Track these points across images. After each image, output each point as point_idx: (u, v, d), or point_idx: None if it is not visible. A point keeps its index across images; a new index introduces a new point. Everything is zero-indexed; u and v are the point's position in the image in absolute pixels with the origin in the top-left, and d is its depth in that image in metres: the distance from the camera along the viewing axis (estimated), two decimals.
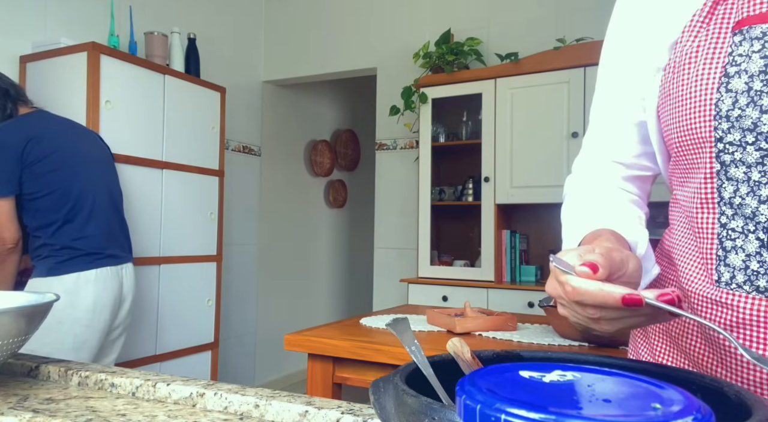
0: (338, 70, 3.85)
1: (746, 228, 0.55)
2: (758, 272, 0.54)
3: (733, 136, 0.54)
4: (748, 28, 0.54)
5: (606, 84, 0.73)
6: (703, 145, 0.57)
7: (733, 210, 0.56)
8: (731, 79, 0.54)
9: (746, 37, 0.54)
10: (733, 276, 0.56)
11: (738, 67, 0.54)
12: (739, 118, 0.53)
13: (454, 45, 3.20)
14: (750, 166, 0.54)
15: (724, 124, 0.55)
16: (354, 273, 5.17)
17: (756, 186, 0.54)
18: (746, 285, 0.55)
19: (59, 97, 2.39)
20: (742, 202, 0.55)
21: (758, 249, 0.54)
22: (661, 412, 0.31)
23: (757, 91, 0.52)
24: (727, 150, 0.55)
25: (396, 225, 3.61)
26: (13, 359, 0.87)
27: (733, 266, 0.56)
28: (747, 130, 0.53)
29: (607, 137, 0.72)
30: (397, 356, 1.38)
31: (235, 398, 0.69)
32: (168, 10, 3.27)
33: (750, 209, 0.54)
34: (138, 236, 2.51)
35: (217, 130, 2.97)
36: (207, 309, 2.88)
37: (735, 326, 0.56)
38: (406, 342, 0.50)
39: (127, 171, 2.46)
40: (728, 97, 0.54)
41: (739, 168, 0.54)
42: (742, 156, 0.54)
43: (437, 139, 3.28)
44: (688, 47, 0.59)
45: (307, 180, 4.61)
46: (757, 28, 0.53)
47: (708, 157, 0.57)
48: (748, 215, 0.54)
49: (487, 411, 0.31)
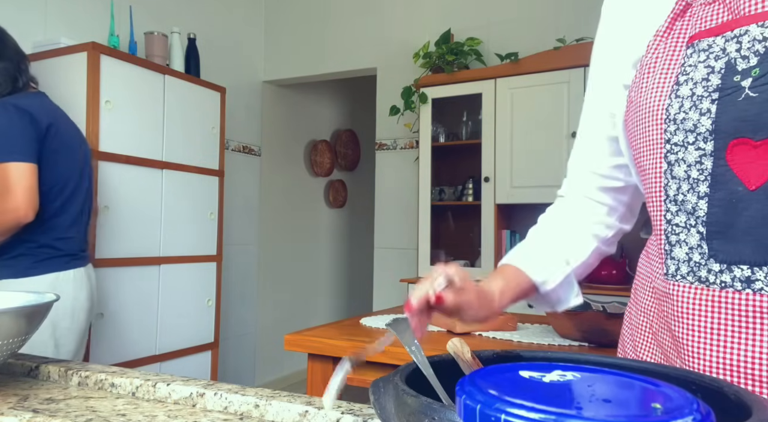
0: (338, 70, 3.85)
1: (688, 222, 0.59)
2: (700, 263, 0.58)
3: (677, 137, 0.59)
4: (698, 42, 0.59)
5: (586, 100, 0.80)
6: (655, 147, 0.62)
7: (677, 206, 0.60)
8: (680, 87, 0.59)
9: (696, 49, 0.59)
10: (678, 268, 0.60)
11: (687, 75, 0.59)
12: (683, 120, 0.58)
13: (454, 45, 3.20)
14: (690, 164, 0.58)
15: (671, 127, 0.59)
16: (354, 273, 5.17)
17: (695, 183, 0.58)
18: (689, 276, 0.59)
19: (59, 97, 2.39)
20: (684, 198, 0.59)
21: (699, 242, 0.58)
22: (661, 412, 0.31)
23: (698, 96, 0.57)
24: (672, 150, 0.60)
25: (396, 225, 3.61)
26: (13, 359, 0.87)
27: (677, 259, 0.60)
28: (689, 131, 0.58)
29: (585, 149, 0.79)
30: (397, 356, 1.38)
31: (235, 398, 0.69)
32: (168, 10, 3.27)
33: (691, 205, 0.58)
34: (138, 236, 2.51)
35: (217, 130, 2.97)
36: (207, 309, 2.88)
37: (681, 316, 0.60)
38: (406, 342, 0.50)
39: (127, 171, 2.46)
40: (676, 102, 0.59)
41: (681, 166, 0.59)
42: (684, 155, 0.59)
43: (437, 139, 3.28)
44: (648, 60, 0.65)
45: (307, 180, 4.61)
46: (704, 41, 0.58)
47: (658, 158, 0.61)
48: (689, 210, 0.59)
49: (487, 411, 0.31)
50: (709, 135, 0.56)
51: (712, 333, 0.57)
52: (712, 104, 0.56)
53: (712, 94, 0.56)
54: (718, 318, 0.56)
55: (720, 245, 0.56)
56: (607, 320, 1.38)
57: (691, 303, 0.58)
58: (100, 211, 2.34)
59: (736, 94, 0.55)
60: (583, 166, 0.79)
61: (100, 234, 2.34)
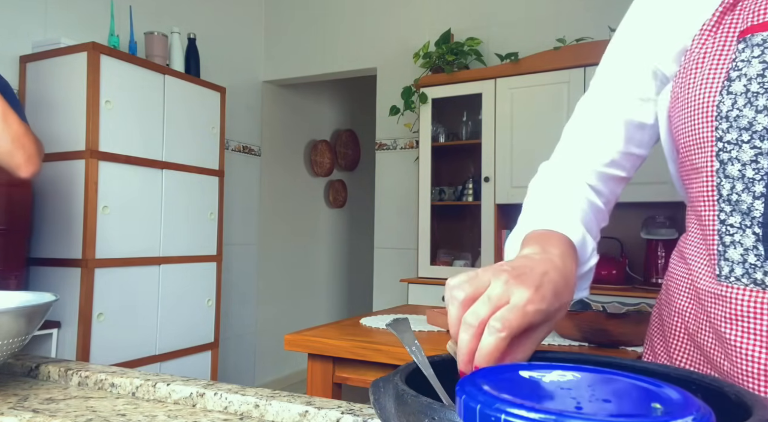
0: (338, 70, 3.85)
1: (743, 223, 0.57)
2: (755, 265, 0.56)
3: (731, 135, 0.57)
4: (751, 36, 0.57)
5: (603, 82, 0.74)
6: (706, 144, 0.60)
7: (731, 206, 0.58)
8: (732, 83, 0.57)
9: (748, 44, 0.57)
10: (732, 269, 0.58)
11: (739, 71, 0.57)
12: (737, 117, 0.56)
13: (454, 45, 3.20)
14: (745, 163, 0.57)
15: (723, 124, 0.57)
16: (354, 273, 5.17)
17: (750, 182, 0.56)
18: (744, 278, 0.57)
19: (59, 97, 2.39)
20: (739, 198, 0.57)
21: (755, 244, 0.56)
22: (661, 412, 0.31)
23: (753, 93, 0.55)
24: (725, 149, 0.58)
25: (396, 225, 3.61)
26: (13, 359, 0.87)
27: (732, 260, 0.58)
28: (743, 129, 0.56)
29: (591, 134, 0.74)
30: (397, 356, 1.38)
31: (235, 398, 0.69)
32: (168, 10, 3.27)
33: (746, 205, 0.57)
34: (138, 236, 2.51)
35: (217, 130, 2.97)
36: (207, 309, 2.88)
37: (734, 319, 0.58)
38: (407, 343, 0.50)
39: (127, 171, 2.46)
40: (728, 98, 0.57)
41: (735, 165, 0.57)
42: (738, 154, 0.57)
43: (437, 139, 3.28)
44: (696, 54, 0.62)
45: (307, 180, 4.61)
46: (758, 36, 0.56)
47: (709, 157, 0.59)
48: (744, 211, 0.57)
49: (487, 411, 0.31)
50: (766, 133, 0.55)
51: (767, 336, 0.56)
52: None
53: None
54: None
55: None
56: (607, 320, 1.38)
57: (746, 306, 0.57)
58: (100, 211, 2.34)
59: None
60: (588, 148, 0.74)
61: (100, 234, 2.34)
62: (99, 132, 2.34)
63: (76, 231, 2.31)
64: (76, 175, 2.32)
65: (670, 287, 0.71)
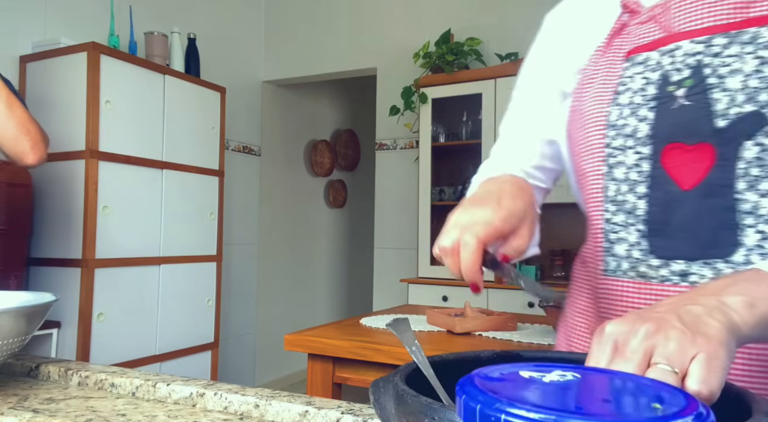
0: (338, 70, 3.85)
1: (627, 221, 0.63)
2: (639, 259, 0.62)
3: (617, 141, 0.63)
4: (635, 56, 0.65)
5: (521, 103, 0.83)
6: (596, 151, 0.66)
7: (616, 206, 0.64)
8: (620, 96, 0.64)
9: (633, 62, 0.64)
10: (619, 264, 0.64)
11: (625, 86, 0.64)
12: (623, 126, 0.63)
13: (454, 45, 3.20)
14: (629, 167, 0.63)
15: (611, 132, 0.64)
16: (354, 273, 5.17)
17: (634, 184, 0.62)
18: (631, 271, 0.63)
19: (59, 97, 2.39)
20: (624, 198, 0.63)
21: (639, 240, 0.62)
22: (661, 412, 0.31)
23: (636, 104, 0.62)
24: (612, 154, 0.64)
25: (396, 225, 3.61)
26: (13, 359, 0.87)
27: (618, 256, 0.64)
28: (628, 136, 0.62)
29: (516, 147, 0.82)
30: (397, 356, 1.38)
31: (235, 398, 0.69)
32: (168, 10, 3.27)
33: (630, 204, 0.63)
34: (138, 236, 2.51)
35: (217, 130, 2.97)
36: (207, 309, 2.88)
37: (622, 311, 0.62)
38: (407, 343, 0.50)
39: (127, 171, 2.46)
40: (616, 109, 0.64)
41: (620, 169, 0.63)
42: (623, 158, 0.63)
43: (437, 139, 3.28)
44: (590, 71, 0.70)
45: (307, 180, 4.61)
46: (640, 56, 0.64)
47: (599, 162, 0.66)
48: (628, 210, 0.63)
49: (487, 411, 0.31)
50: (647, 140, 0.61)
51: None
52: (650, 111, 0.61)
53: (650, 102, 0.61)
54: None
55: (658, 242, 0.60)
56: None
57: (632, 297, 0.62)
58: (100, 211, 2.34)
59: (671, 102, 0.60)
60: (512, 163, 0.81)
61: (100, 234, 2.34)
62: (99, 132, 2.34)
63: (76, 231, 2.31)
64: (76, 175, 2.32)
65: (573, 291, 0.77)
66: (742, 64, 0.56)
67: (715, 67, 0.58)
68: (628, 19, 0.67)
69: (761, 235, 0.55)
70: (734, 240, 0.56)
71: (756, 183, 0.55)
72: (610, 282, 0.64)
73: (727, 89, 0.57)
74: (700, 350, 0.38)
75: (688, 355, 0.38)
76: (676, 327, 0.39)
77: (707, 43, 0.59)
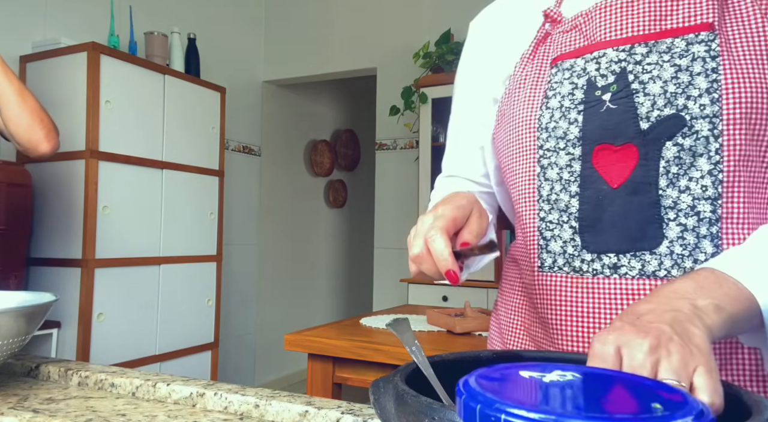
0: (338, 70, 3.85)
1: (561, 219, 0.66)
2: (573, 255, 0.65)
3: (549, 143, 0.66)
4: (561, 62, 0.68)
5: (456, 112, 0.86)
6: (529, 152, 0.69)
7: (549, 205, 0.67)
8: (549, 100, 0.67)
9: (560, 68, 0.68)
10: (554, 260, 0.67)
11: (554, 90, 0.67)
12: (554, 128, 0.66)
13: (454, 45, 3.20)
14: (562, 167, 0.65)
15: (543, 134, 0.67)
16: (354, 273, 5.17)
17: (567, 184, 0.65)
18: (565, 267, 0.65)
19: (59, 97, 2.39)
20: (557, 197, 0.66)
21: (572, 236, 0.65)
22: (661, 412, 0.31)
23: (566, 108, 0.65)
24: (545, 155, 0.67)
25: (396, 225, 3.61)
26: (13, 359, 0.87)
27: (554, 252, 0.67)
28: (559, 138, 0.65)
29: (458, 159, 0.86)
30: (397, 356, 1.38)
31: (235, 398, 0.69)
32: (168, 10, 3.27)
33: (564, 203, 0.65)
34: (138, 236, 2.51)
35: (217, 130, 2.97)
36: (207, 309, 2.88)
37: (558, 304, 0.66)
38: (407, 343, 0.50)
39: (127, 171, 2.46)
40: (547, 113, 0.67)
41: (553, 169, 0.66)
42: (556, 159, 0.66)
43: (437, 139, 3.28)
44: (518, 77, 0.73)
45: (307, 180, 4.61)
46: (566, 62, 0.67)
47: (531, 163, 0.68)
48: (562, 208, 0.66)
49: (487, 411, 0.31)
50: (577, 141, 0.64)
51: (587, 316, 0.63)
52: (579, 114, 0.64)
53: (578, 106, 0.65)
54: (592, 302, 0.63)
55: (591, 237, 0.64)
56: None
57: (567, 291, 0.65)
58: (100, 211, 2.34)
59: (599, 105, 0.63)
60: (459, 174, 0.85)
61: (100, 234, 2.34)
62: (99, 132, 2.34)
63: (76, 231, 2.31)
64: (76, 175, 2.32)
65: (505, 290, 0.80)
66: (661, 71, 0.61)
67: (637, 73, 0.62)
68: (551, 28, 0.71)
69: (682, 228, 0.59)
70: (659, 234, 0.60)
71: (676, 180, 0.59)
72: (546, 278, 0.67)
73: (649, 93, 0.61)
74: (698, 363, 0.41)
75: (690, 368, 0.40)
76: (674, 340, 0.41)
77: (630, 51, 0.63)
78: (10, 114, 1.48)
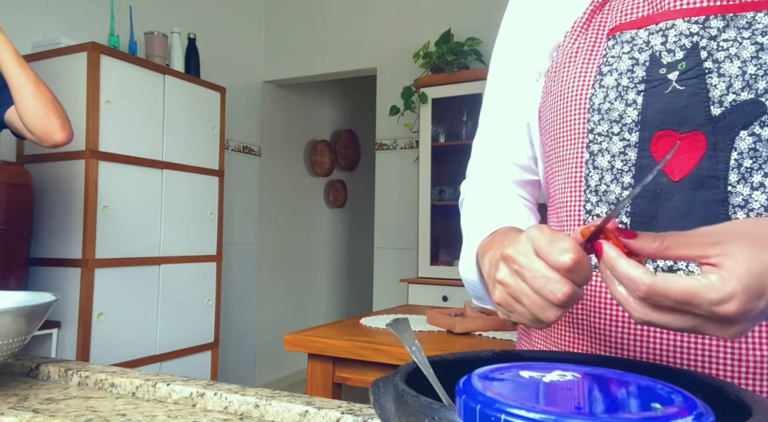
0: (338, 70, 3.85)
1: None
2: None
3: (601, 127, 0.58)
4: (620, 34, 0.59)
5: (496, 88, 0.76)
6: (577, 136, 0.61)
7: (597, 196, 0.59)
8: (604, 77, 0.59)
9: (618, 41, 0.59)
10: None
11: (610, 66, 0.59)
12: (608, 110, 0.58)
13: (454, 45, 3.20)
14: (614, 155, 0.58)
15: (595, 116, 0.59)
16: (354, 273, 5.17)
17: (619, 174, 0.58)
18: None
19: (59, 96, 2.38)
20: (607, 189, 0.58)
21: None
22: (661, 412, 0.31)
23: (624, 87, 0.57)
24: (596, 140, 0.59)
25: (396, 225, 3.61)
26: (13, 359, 0.87)
27: None
28: (614, 122, 0.58)
29: (500, 139, 0.75)
30: (397, 356, 1.38)
31: (235, 398, 0.69)
32: (168, 10, 3.27)
33: (614, 195, 0.58)
34: (138, 236, 2.51)
35: (217, 130, 2.97)
36: (207, 309, 2.88)
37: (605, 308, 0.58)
38: (407, 343, 0.50)
39: (127, 171, 2.46)
40: (600, 91, 0.59)
41: (604, 157, 0.58)
42: (608, 146, 0.58)
43: (437, 139, 3.28)
44: (568, 49, 0.64)
45: (307, 180, 4.61)
46: (626, 34, 0.59)
47: (579, 148, 0.61)
48: (611, 201, 0.58)
49: (487, 411, 0.31)
50: (634, 126, 0.57)
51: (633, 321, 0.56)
52: (638, 95, 0.56)
53: (638, 85, 0.57)
54: None
55: None
56: None
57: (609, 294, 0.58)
58: (100, 211, 2.34)
59: (663, 86, 0.55)
60: (500, 157, 0.75)
61: (100, 234, 2.34)
62: (99, 132, 2.34)
63: (76, 231, 2.31)
64: (76, 175, 2.32)
65: None
66: (740, 49, 0.52)
67: (711, 50, 0.54)
68: None
69: None
70: None
71: (749, 175, 0.52)
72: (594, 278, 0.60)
73: (724, 74, 0.53)
74: None
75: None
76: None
77: (704, 23, 0.54)
78: (26, 104, 1.50)
